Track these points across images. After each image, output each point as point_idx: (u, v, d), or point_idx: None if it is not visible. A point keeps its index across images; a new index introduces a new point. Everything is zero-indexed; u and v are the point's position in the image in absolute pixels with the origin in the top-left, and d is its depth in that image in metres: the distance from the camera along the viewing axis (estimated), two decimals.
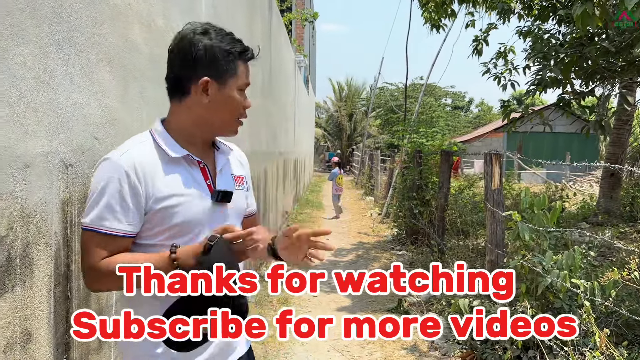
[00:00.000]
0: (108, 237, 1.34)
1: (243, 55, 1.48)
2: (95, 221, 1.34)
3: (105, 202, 1.33)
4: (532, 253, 3.79)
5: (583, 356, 3.28)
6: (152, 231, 1.40)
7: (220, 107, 1.46)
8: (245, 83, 1.50)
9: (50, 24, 1.68)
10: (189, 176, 1.45)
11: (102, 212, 1.33)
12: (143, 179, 1.36)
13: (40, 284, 1.65)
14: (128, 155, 1.37)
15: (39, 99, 1.63)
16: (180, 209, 1.40)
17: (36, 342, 1.64)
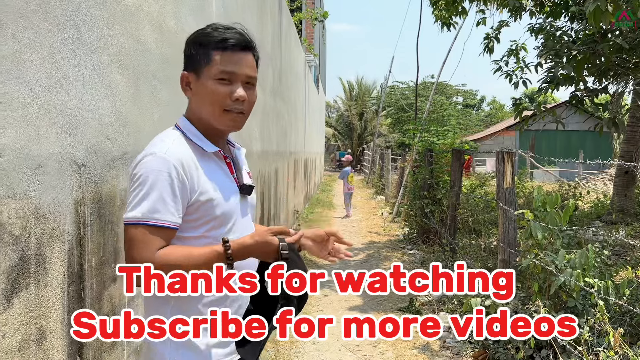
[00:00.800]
0: (160, 229, 1.35)
1: (220, 43, 1.46)
2: (147, 214, 1.34)
3: (157, 195, 1.35)
4: (544, 252, 3.76)
5: (597, 356, 3.25)
6: (197, 223, 1.43)
7: (201, 99, 1.48)
8: (223, 71, 1.46)
9: (62, 26, 1.69)
10: (221, 170, 1.51)
11: (154, 205, 1.34)
12: (189, 173, 1.40)
13: (54, 283, 1.67)
14: (172, 151, 1.40)
15: (52, 99, 1.64)
16: (220, 202, 1.45)
17: (50, 340, 1.66)
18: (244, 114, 1.51)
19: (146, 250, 1.33)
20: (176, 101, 2.83)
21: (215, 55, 1.46)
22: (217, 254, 1.38)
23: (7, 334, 1.45)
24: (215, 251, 1.38)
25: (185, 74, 1.50)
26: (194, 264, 1.36)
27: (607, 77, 7.75)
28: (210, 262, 1.37)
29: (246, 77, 1.50)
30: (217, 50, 1.46)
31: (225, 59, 1.46)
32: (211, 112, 1.48)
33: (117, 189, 2.13)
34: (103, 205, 2.01)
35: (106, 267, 2.05)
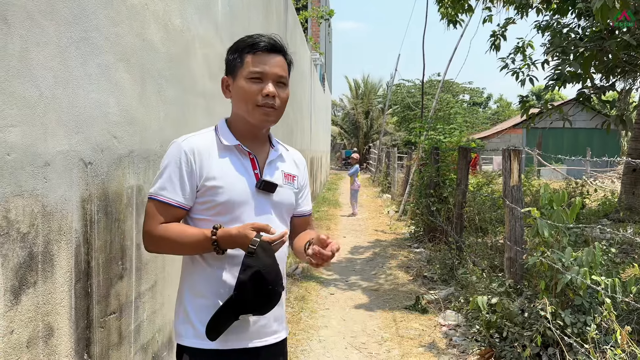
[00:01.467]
0: (165, 205, 1.56)
1: (251, 47, 1.64)
2: (157, 191, 1.57)
3: (167, 176, 1.57)
4: (551, 250, 3.75)
5: (604, 354, 3.24)
6: (202, 207, 1.60)
7: (237, 97, 1.65)
8: (253, 71, 1.62)
9: (69, 25, 1.70)
10: (238, 163, 1.64)
11: (163, 184, 1.57)
12: (198, 160, 1.58)
13: (62, 280, 1.69)
14: (189, 140, 1.61)
15: (59, 98, 1.65)
16: (225, 189, 1.59)
17: (58, 337, 1.67)
18: (275, 108, 1.65)
19: (152, 221, 1.56)
20: (181, 99, 2.84)
21: (247, 57, 1.64)
22: (204, 237, 1.54)
23: (16, 330, 1.46)
24: (203, 234, 1.54)
25: (225, 78, 1.70)
26: (186, 242, 1.55)
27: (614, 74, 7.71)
28: (199, 242, 1.55)
29: (276, 77, 1.65)
30: (249, 53, 1.64)
31: (256, 60, 1.63)
32: (245, 109, 1.64)
33: (123, 187, 2.14)
34: (110, 203, 2.02)
35: (113, 265, 2.06)
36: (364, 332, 4.78)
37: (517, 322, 3.86)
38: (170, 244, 1.57)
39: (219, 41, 3.60)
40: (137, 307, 2.31)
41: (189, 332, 1.60)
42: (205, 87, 3.28)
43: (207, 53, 3.31)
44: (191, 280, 1.63)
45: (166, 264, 2.66)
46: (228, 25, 3.83)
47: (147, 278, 2.41)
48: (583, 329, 3.42)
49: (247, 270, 1.48)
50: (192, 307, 1.61)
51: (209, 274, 1.60)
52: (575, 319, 3.48)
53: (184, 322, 1.62)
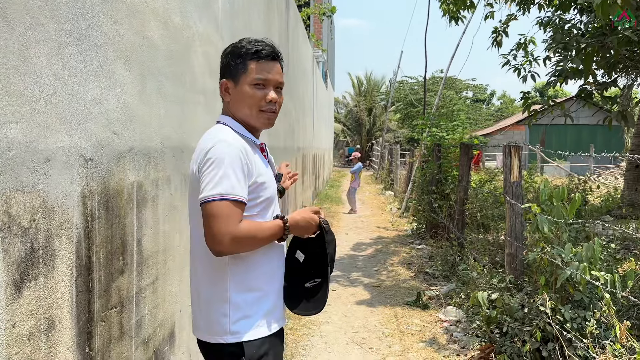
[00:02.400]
0: (239, 204, 1.60)
1: (255, 55, 1.73)
2: (229, 190, 1.58)
3: (232, 175, 1.59)
4: (551, 245, 3.76)
5: (603, 349, 3.25)
6: (253, 202, 1.68)
7: (239, 102, 1.74)
8: (257, 78, 1.73)
9: (68, 22, 1.72)
10: (264, 160, 1.79)
11: (232, 183, 1.58)
12: (250, 158, 1.66)
13: (63, 275, 1.71)
14: (237, 140, 1.66)
15: (59, 95, 1.68)
16: (268, 185, 1.73)
17: (59, 330, 1.70)
18: (275, 113, 1.80)
19: (231, 222, 1.57)
20: (182, 97, 2.86)
21: (251, 64, 1.73)
22: (279, 228, 1.70)
23: (17, 323, 1.48)
24: (278, 225, 1.70)
25: (224, 81, 1.77)
26: (265, 235, 1.66)
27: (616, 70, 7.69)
28: (275, 234, 1.69)
29: (277, 83, 1.78)
30: (252, 60, 1.73)
31: (259, 68, 1.74)
32: (249, 113, 1.75)
33: (124, 183, 2.16)
34: (110, 199, 2.05)
35: (114, 260, 2.08)
36: (365, 327, 4.81)
37: (517, 318, 3.88)
38: (252, 241, 1.63)
39: (220, 39, 3.62)
40: (139, 301, 2.34)
41: (247, 326, 1.68)
42: (206, 85, 3.31)
43: (207, 50, 3.33)
44: (239, 279, 1.69)
45: (167, 259, 2.69)
46: (228, 23, 3.85)
47: (148, 273, 2.43)
48: (582, 324, 3.44)
49: (331, 243, 1.81)
50: (245, 303, 1.69)
51: (260, 268, 1.72)
52: (575, 314, 3.50)
53: (239, 320, 1.67)
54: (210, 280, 1.71)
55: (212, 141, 1.65)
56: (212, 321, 1.69)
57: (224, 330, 1.67)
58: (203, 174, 1.60)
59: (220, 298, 1.69)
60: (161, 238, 2.60)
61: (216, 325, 1.68)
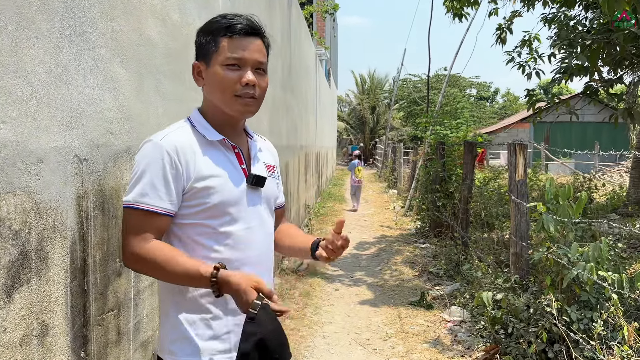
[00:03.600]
0: (149, 214, 1.38)
1: (227, 30, 1.48)
2: (137, 198, 1.39)
3: (148, 180, 1.39)
4: (557, 245, 3.70)
5: (611, 350, 3.19)
6: (191, 210, 1.44)
7: (212, 86, 1.50)
8: (230, 57, 1.47)
9: (61, 19, 1.68)
10: (225, 159, 1.51)
11: (144, 190, 1.38)
12: (184, 160, 1.42)
13: (56, 278, 1.67)
14: (169, 138, 1.43)
15: (52, 94, 1.63)
16: (218, 189, 1.45)
17: (53, 335, 1.65)
18: (255, 98, 1.51)
19: (133, 235, 1.38)
20: (181, 95, 2.82)
21: (222, 41, 1.47)
22: (199, 276, 1.35)
23: (8, 329, 1.44)
24: (198, 271, 1.36)
25: (196, 63, 1.53)
26: (174, 270, 1.36)
27: (622, 66, 7.60)
28: (192, 277, 1.36)
29: (256, 62, 1.50)
30: (224, 36, 1.47)
31: (233, 45, 1.47)
32: (222, 99, 1.49)
33: (120, 184, 2.12)
34: (106, 199, 2.00)
35: (110, 262, 2.04)
36: (368, 328, 4.76)
37: (523, 318, 3.82)
38: (155, 268, 1.38)
39: None
40: (137, 304, 2.30)
41: (185, 349, 1.45)
42: None
43: None
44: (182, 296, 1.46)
45: None
46: None
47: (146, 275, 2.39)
48: (589, 325, 3.38)
49: (250, 338, 1.30)
50: (186, 322, 1.46)
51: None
52: (582, 315, 3.44)
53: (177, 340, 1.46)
54: (161, 290, 1.54)
55: (144, 141, 1.48)
56: (160, 333, 1.53)
57: (164, 347, 1.49)
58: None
59: (165, 312, 1.50)
60: None
61: (161, 338, 1.52)
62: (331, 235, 1.61)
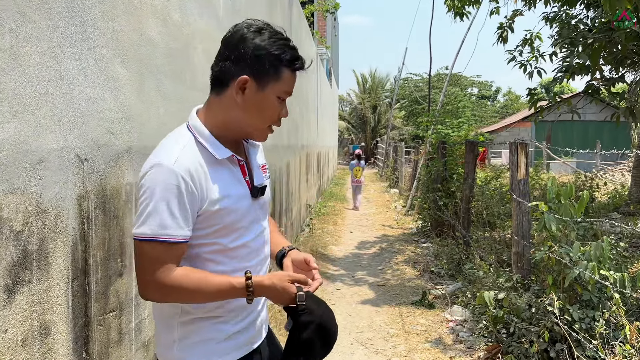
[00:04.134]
0: (172, 245, 1.32)
1: (291, 63, 1.43)
2: (157, 230, 1.31)
3: (166, 209, 1.31)
4: (559, 244, 3.69)
5: (613, 350, 3.19)
6: (206, 231, 1.41)
7: (254, 109, 1.42)
8: (286, 91, 1.45)
9: (62, 19, 1.68)
10: (232, 176, 1.46)
11: (163, 221, 1.31)
12: (198, 184, 1.36)
13: (58, 278, 1.67)
14: (181, 162, 1.34)
15: (53, 94, 1.63)
16: (230, 210, 1.42)
17: (54, 335, 1.65)
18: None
19: (158, 268, 1.31)
20: (182, 95, 2.82)
21: (285, 72, 1.43)
22: (233, 289, 1.37)
23: (10, 329, 1.44)
24: (231, 285, 1.37)
25: (246, 78, 1.40)
26: (207, 292, 1.36)
27: (623, 65, 7.59)
28: (224, 294, 1.38)
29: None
30: (287, 68, 1.43)
31: (292, 80, 1.46)
32: (255, 125, 1.46)
33: (122, 184, 2.12)
34: (108, 200, 2.00)
35: (112, 262, 2.04)
36: (370, 327, 4.76)
37: (525, 318, 3.82)
38: (186, 294, 1.35)
39: (221, 36, 3.56)
40: (138, 304, 2.30)
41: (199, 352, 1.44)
42: (207, 83, 3.24)
43: (208, 48, 3.28)
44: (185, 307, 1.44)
45: None
46: (230, 20, 3.80)
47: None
48: (591, 325, 3.37)
49: (309, 327, 1.41)
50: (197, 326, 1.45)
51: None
52: (584, 314, 3.43)
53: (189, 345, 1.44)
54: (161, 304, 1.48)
55: (150, 163, 1.36)
56: (161, 347, 1.49)
57: (171, 353, 1.45)
58: (138, 201, 1.34)
59: (171, 316, 1.45)
60: None
61: (164, 353, 1.47)
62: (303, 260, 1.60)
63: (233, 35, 1.43)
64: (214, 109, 1.47)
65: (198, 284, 1.34)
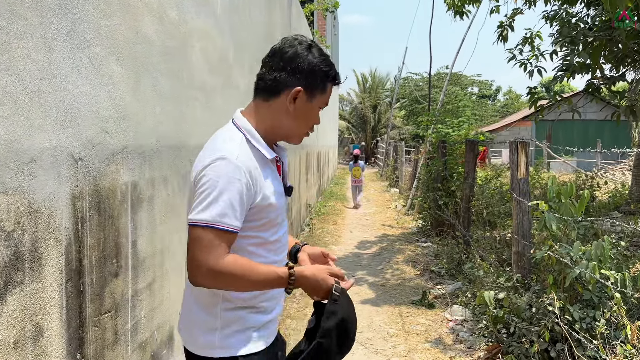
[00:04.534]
0: (226, 233, 1.42)
1: (334, 79, 1.63)
2: (217, 218, 1.40)
3: (227, 200, 1.41)
4: (559, 243, 3.67)
5: (613, 349, 3.17)
6: (252, 224, 1.52)
7: (302, 117, 1.59)
8: (326, 103, 1.63)
9: (54, 16, 1.65)
10: (274, 174, 1.59)
11: (223, 210, 1.41)
12: (254, 180, 1.48)
13: (51, 279, 1.64)
14: (242, 158, 1.47)
15: (45, 92, 1.61)
16: (275, 205, 1.55)
17: (48, 337, 1.63)
18: None
19: (212, 253, 1.40)
20: (179, 93, 2.79)
21: (328, 87, 1.62)
22: (279, 278, 1.48)
23: (1, 331, 1.42)
24: (277, 274, 1.48)
25: (300, 89, 1.56)
26: (255, 279, 1.45)
27: (624, 64, 7.56)
28: (271, 281, 1.48)
29: None
30: (331, 83, 1.62)
31: (330, 93, 1.65)
32: (296, 131, 1.62)
33: (117, 184, 2.09)
34: (102, 199, 1.98)
35: (107, 263, 2.02)
36: (369, 327, 4.73)
37: (525, 318, 3.79)
38: (235, 280, 1.43)
39: (219, 34, 3.55)
40: (134, 305, 2.27)
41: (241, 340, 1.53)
42: (204, 81, 3.23)
43: (205, 46, 3.25)
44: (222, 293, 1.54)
45: (165, 261, 2.62)
46: (228, 18, 3.77)
47: (144, 275, 2.37)
48: (592, 324, 3.35)
49: (332, 317, 1.53)
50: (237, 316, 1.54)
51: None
52: (584, 314, 3.41)
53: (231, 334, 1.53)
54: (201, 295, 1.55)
55: (214, 155, 1.45)
56: (200, 332, 1.55)
57: (212, 343, 1.52)
58: (197, 190, 1.44)
59: (214, 305, 1.53)
60: (158, 239, 2.53)
61: (204, 337, 1.53)
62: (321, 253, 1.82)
63: (286, 50, 1.58)
64: (262, 114, 1.59)
65: (245, 271, 1.43)
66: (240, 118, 1.58)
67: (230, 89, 3.92)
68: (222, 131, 1.57)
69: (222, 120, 3.94)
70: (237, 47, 4.09)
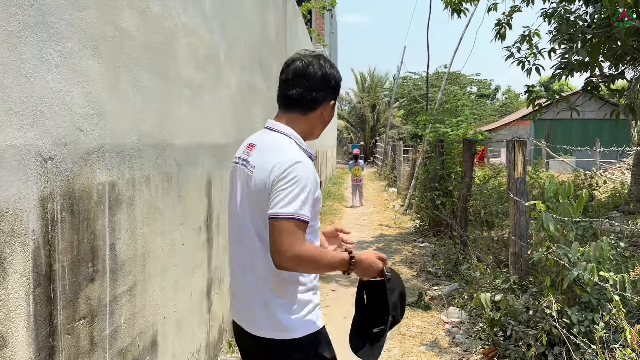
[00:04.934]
0: (303, 223, 1.65)
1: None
2: (298, 211, 1.63)
3: (306, 196, 1.66)
4: (557, 244, 3.58)
5: (612, 353, 3.08)
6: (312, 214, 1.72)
7: (323, 121, 1.91)
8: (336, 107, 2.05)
9: (19, 7, 1.56)
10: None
11: (303, 204, 1.65)
12: (315, 179, 1.73)
13: (16, 286, 1.55)
14: (308, 160, 1.75)
15: (8, 87, 1.51)
16: (319, 198, 1.78)
17: (12, 347, 1.54)
18: None
19: (297, 241, 1.61)
20: (164, 90, 2.70)
21: (338, 95, 1.94)
22: (343, 261, 1.74)
23: None
24: (342, 258, 1.74)
25: (334, 102, 1.92)
26: (326, 262, 1.69)
27: (623, 62, 7.47)
28: (337, 265, 1.73)
29: None
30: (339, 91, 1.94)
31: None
32: (318, 132, 1.93)
33: (93, 184, 2.00)
34: (76, 201, 1.88)
35: (82, 267, 1.92)
36: None
37: (522, 320, 3.71)
38: (313, 264, 1.66)
39: (207, 30, 3.45)
40: (113, 310, 2.18)
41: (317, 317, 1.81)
42: (191, 78, 3.14)
43: (193, 42, 3.16)
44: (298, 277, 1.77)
45: (147, 264, 2.52)
46: (216, 14, 3.68)
47: (124, 280, 2.27)
48: (590, 328, 3.26)
49: (394, 292, 1.85)
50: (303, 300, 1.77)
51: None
52: (583, 317, 3.32)
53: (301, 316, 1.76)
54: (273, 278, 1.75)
55: (291, 159, 1.69)
56: (283, 316, 1.74)
57: (294, 325, 1.74)
58: (278, 188, 1.65)
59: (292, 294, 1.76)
60: (139, 242, 2.43)
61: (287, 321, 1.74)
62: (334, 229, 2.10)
63: (315, 71, 1.83)
64: (301, 124, 1.85)
65: (319, 255, 1.68)
66: (285, 127, 1.81)
67: (221, 87, 3.83)
68: (278, 139, 1.79)
69: (211, 119, 3.82)
70: (229, 45, 3.99)
